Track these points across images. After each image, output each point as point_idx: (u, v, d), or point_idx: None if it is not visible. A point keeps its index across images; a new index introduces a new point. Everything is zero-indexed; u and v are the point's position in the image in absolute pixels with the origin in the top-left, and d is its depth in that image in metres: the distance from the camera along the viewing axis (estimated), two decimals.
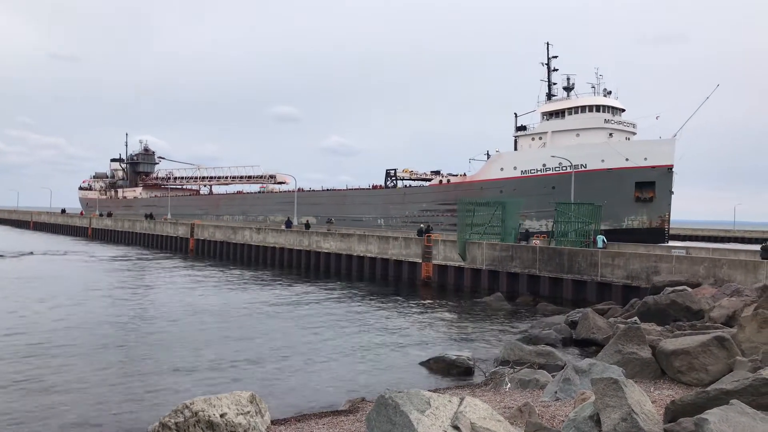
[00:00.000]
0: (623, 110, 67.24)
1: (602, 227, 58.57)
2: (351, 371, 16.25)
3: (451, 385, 14.32)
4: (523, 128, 71.59)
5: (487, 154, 73.58)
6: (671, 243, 55.63)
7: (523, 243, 35.94)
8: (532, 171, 65.28)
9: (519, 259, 31.92)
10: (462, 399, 7.64)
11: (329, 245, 43.60)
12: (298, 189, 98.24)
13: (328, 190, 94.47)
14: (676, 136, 60.03)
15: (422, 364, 16.67)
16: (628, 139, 65.48)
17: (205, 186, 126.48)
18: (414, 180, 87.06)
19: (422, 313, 26.51)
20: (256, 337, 20.39)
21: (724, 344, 11.34)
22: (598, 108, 65.44)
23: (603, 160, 60.69)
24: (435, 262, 36.05)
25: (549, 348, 16.21)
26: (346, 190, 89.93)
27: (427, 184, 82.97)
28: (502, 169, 67.65)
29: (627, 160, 59.56)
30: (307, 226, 55.31)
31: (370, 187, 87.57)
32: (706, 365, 11.21)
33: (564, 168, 61.02)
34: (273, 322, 23.40)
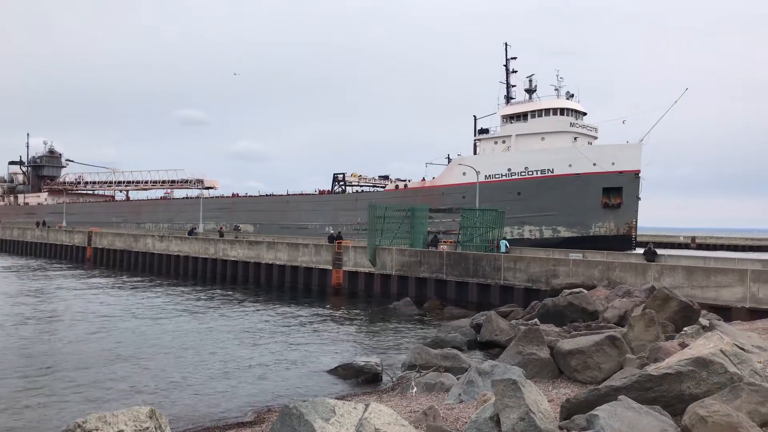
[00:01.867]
0: (585, 113, 65.92)
1: (570, 234, 58.24)
2: (258, 381, 15.94)
3: (359, 392, 14.34)
4: (485, 131, 68.87)
5: (448, 158, 70.53)
6: (639, 251, 54.94)
7: (432, 248, 36.61)
8: (497, 176, 62.33)
9: (427, 264, 32.47)
10: (367, 405, 7.65)
11: (236, 253, 42.65)
12: (233, 194, 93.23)
13: (268, 195, 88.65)
14: (643, 141, 58.72)
15: (331, 371, 16.60)
16: (590, 143, 64.08)
17: (121, 192, 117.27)
18: (362, 185, 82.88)
19: (332, 320, 26.43)
20: (157, 350, 19.59)
21: (615, 343, 11.99)
22: (562, 111, 63.29)
23: (570, 165, 58.65)
24: (345, 268, 36.05)
25: (455, 351, 16.54)
26: (289, 195, 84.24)
27: (382, 189, 78.59)
28: (464, 173, 63.67)
29: (594, 165, 57.72)
30: (221, 234, 53.75)
31: (317, 192, 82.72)
32: (599, 363, 11.80)
33: (531, 173, 59.38)
34: (176, 334, 22.57)
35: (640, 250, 56.61)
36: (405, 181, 75.77)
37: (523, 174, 60.57)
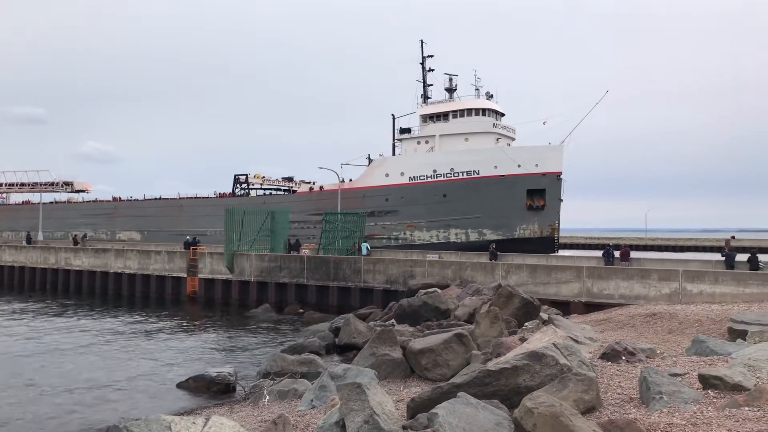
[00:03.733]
0: (504, 114, 65.11)
1: (496, 237, 56.27)
2: (101, 400, 14.78)
3: (210, 404, 13.75)
4: (407, 131, 66.07)
5: (368, 158, 67.09)
6: (561, 252, 53.78)
7: (294, 253, 36.23)
8: (422, 177, 60.21)
9: (287, 269, 32.06)
10: (208, 419, 7.27)
11: (81, 262, 39.53)
12: (115, 198, 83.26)
13: (157, 199, 79.23)
14: (564, 143, 58.39)
15: (180, 385, 15.76)
16: (509, 144, 63.17)
17: None
18: (265, 188, 76.40)
19: (186, 330, 25.25)
20: None
21: (462, 340, 12.43)
22: (484, 111, 62.19)
23: (496, 167, 57.84)
24: (201, 276, 34.66)
25: (312, 356, 16.37)
26: (182, 198, 76.29)
27: (290, 192, 73.52)
28: (387, 174, 61.68)
29: (519, 166, 56.95)
30: (75, 242, 49.12)
31: (216, 195, 75.57)
32: (448, 361, 12.16)
33: (456, 174, 58.06)
34: (2, 355, 20.40)
35: (564, 252, 56.23)
36: (310, 183, 71.36)
37: (449, 175, 59.09)
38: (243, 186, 75.25)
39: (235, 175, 75.69)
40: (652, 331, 15.40)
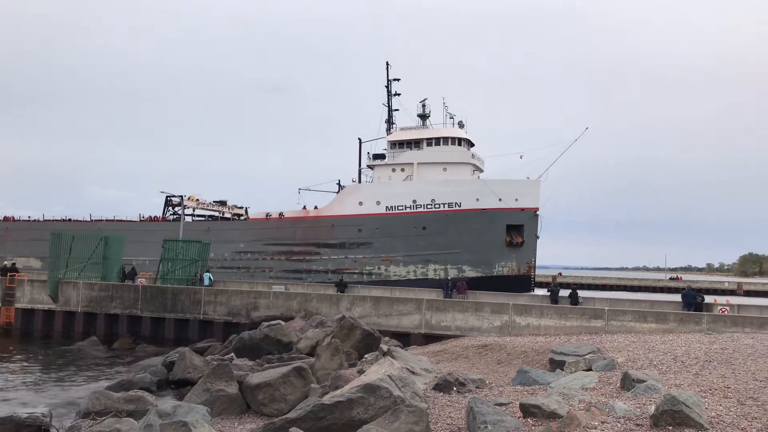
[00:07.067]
0: (474, 144, 61.71)
1: (475, 274, 53.38)
2: None
3: None
4: (380, 156, 60.83)
5: (339, 184, 61.42)
6: (537, 291, 50.38)
7: (129, 282, 33.98)
8: (400, 207, 55.93)
9: (120, 299, 29.95)
10: None
11: None
12: (6, 217, 67.19)
13: (65, 220, 64.77)
14: (541, 178, 56.11)
15: None
16: (478, 177, 60.09)
17: None
18: (198, 212, 66.11)
19: None
20: None
21: (301, 374, 12.27)
22: (460, 141, 58.60)
23: (478, 199, 54.93)
24: (19, 305, 31.34)
25: (141, 393, 15.21)
26: (100, 221, 63.29)
27: (223, 217, 64.89)
28: (361, 203, 56.77)
29: (500, 200, 54.40)
30: None
31: (144, 218, 64.29)
32: (285, 395, 11.92)
33: (437, 206, 54.67)
34: None
35: (540, 292, 50.30)
36: (243, 208, 65.04)
37: (429, 206, 55.48)
38: (176, 209, 65.27)
39: (167, 197, 65.25)
40: (483, 362, 16.21)
